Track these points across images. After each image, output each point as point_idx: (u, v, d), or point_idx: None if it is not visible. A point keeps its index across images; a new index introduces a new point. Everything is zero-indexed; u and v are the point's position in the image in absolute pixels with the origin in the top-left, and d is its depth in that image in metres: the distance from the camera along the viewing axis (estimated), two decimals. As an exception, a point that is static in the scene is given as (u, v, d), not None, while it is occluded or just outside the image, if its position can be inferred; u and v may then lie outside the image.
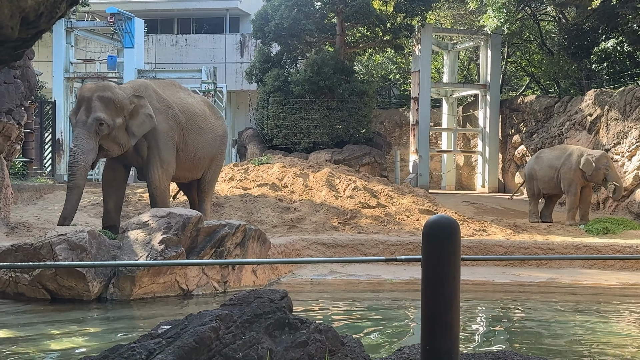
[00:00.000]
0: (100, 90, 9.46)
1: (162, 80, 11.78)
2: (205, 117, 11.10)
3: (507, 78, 26.40)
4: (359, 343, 3.86)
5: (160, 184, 10.08)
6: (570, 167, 14.68)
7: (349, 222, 13.33)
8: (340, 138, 20.92)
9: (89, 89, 9.55)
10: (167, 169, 10.18)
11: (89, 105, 9.34)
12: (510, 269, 11.40)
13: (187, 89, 11.67)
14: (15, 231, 10.93)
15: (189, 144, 10.62)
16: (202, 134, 10.91)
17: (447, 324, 3.00)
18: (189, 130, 10.63)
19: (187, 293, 8.51)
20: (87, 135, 9.29)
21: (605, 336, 6.93)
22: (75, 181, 9.32)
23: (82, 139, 9.28)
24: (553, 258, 11.91)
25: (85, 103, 9.37)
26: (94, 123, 9.28)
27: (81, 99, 9.45)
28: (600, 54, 19.00)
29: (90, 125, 9.28)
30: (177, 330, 3.40)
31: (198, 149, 10.82)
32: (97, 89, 9.52)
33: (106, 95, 9.43)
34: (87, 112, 9.32)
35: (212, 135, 11.12)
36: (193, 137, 10.71)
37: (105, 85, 9.69)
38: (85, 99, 9.39)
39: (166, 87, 10.78)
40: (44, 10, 1.99)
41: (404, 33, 21.61)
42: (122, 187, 10.33)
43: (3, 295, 8.22)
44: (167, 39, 28.56)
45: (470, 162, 23.83)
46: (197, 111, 10.93)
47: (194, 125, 10.76)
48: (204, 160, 11.05)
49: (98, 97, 9.38)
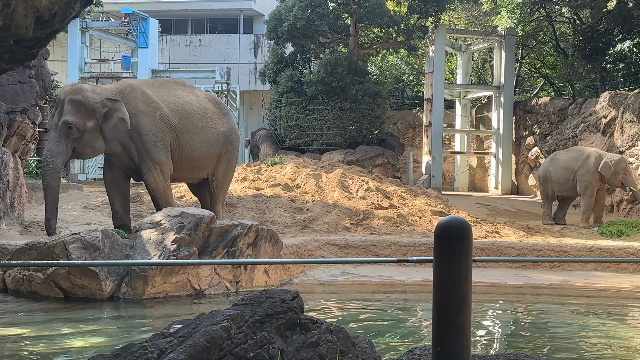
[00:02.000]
0: (72, 94, 9.49)
1: (159, 79, 11.69)
2: (206, 115, 10.75)
3: (521, 79, 26.29)
4: (370, 344, 3.86)
5: (159, 185, 10.00)
6: (588, 170, 14.59)
7: (362, 223, 13.32)
8: (353, 139, 20.91)
9: (64, 91, 9.69)
10: (162, 169, 10.03)
11: (61, 108, 9.44)
12: (523, 271, 11.36)
13: (191, 86, 11.32)
14: (29, 230, 10.99)
15: (184, 144, 10.36)
16: (200, 133, 10.59)
17: (458, 326, 2.99)
18: (182, 131, 10.35)
19: (199, 293, 8.53)
20: (57, 138, 9.41)
21: (617, 339, 6.89)
22: (48, 182, 9.46)
23: (52, 141, 9.46)
24: (566, 260, 11.85)
25: (59, 105, 9.48)
26: (63, 126, 9.36)
27: (57, 101, 9.58)
28: (616, 55, 18.90)
29: (60, 128, 9.37)
30: (188, 330, 3.41)
31: (195, 148, 10.52)
32: (70, 91, 9.58)
33: (76, 99, 9.43)
34: (59, 115, 9.42)
35: (213, 133, 10.76)
36: (188, 137, 10.43)
37: (77, 88, 9.70)
38: (60, 101, 9.50)
39: (161, 87, 10.56)
40: (58, 10, 2.00)
41: (418, 34, 21.58)
42: (124, 185, 10.26)
43: (17, 293, 8.28)
44: (181, 39, 28.65)
45: (484, 163, 23.75)
46: (194, 109, 10.61)
47: (190, 124, 10.46)
48: (204, 159, 10.74)
49: (69, 100, 9.42)
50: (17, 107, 11.55)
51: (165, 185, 10.16)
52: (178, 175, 10.55)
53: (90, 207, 13.49)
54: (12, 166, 11.14)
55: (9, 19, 1.89)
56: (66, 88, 9.78)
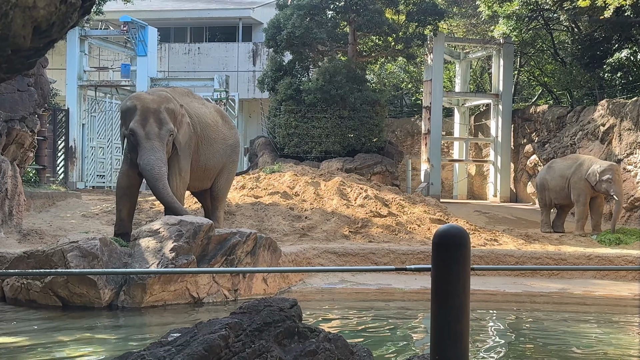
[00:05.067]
0: (166, 102, 9.81)
1: (177, 88, 11.85)
2: (217, 127, 11.18)
3: (520, 87, 26.32)
4: (368, 352, 3.86)
5: (178, 192, 10.12)
6: (580, 177, 14.62)
7: (360, 231, 13.31)
8: (352, 147, 20.90)
9: (154, 100, 9.79)
10: (184, 177, 10.28)
11: (157, 117, 9.61)
12: (522, 279, 11.35)
13: (201, 98, 11.75)
14: (27, 238, 10.98)
15: (201, 154, 10.72)
16: (214, 144, 11.00)
17: (457, 334, 2.99)
18: (202, 141, 10.75)
19: (197, 301, 8.52)
20: (161, 147, 9.59)
21: (616, 347, 6.88)
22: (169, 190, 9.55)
23: (158, 150, 9.54)
24: (565, 268, 11.84)
25: (153, 115, 9.60)
26: (167, 134, 9.63)
27: (147, 110, 9.62)
28: (614, 64, 18.92)
29: (163, 136, 9.59)
30: (186, 338, 3.41)
31: (209, 158, 10.90)
32: (162, 100, 9.83)
33: (170, 107, 9.82)
34: (159, 124, 9.58)
35: (223, 145, 11.20)
36: (205, 148, 10.81)
37: (166, 96, 10.00)
38: (153, 110, 9.62)
39: (182, 97, 10.86)
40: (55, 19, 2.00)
41: (416, 42, 21.61)
42: (135, 194, 10.38)
43: (15, 301, 8.27)
44: (180, 47, 28.68)
45: (482, 171, 23.76)
46: (209, 122, 11.03)
47: (207, 135, 10.87)
48: (214, 170, 11.13)
49: (166, 108, 9.73)
50: (16, 115, 11.55)
51: (182, 193, 10.39)
52: (190, 183, 10.71)
53: (88, 215, 13.48)
54: (11, 174, 11.14)
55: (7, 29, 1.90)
56: (153, 97, 9.90)
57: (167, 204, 9.57)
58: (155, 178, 9.45)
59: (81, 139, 21.18)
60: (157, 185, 9.45)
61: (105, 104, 22.34)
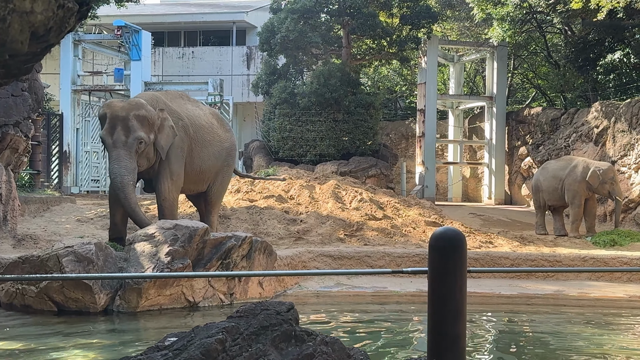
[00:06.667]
0: (136, 109, 9.59)
1: (170, 92, 11.84)
2: (212, 129, 11.14)
3: (514, 90, 26.39)
4: (365, 355, 3.86)
5: (170, 196, 10.11)
6: (575, 179, 14.64)
7: (355, 234, 13.32)
8: (347, 150, 20.92)
9: (122, 107, 9.62)
10: (176, 181, 10.24)
11: (125, 124, 9.44)
12: (517, 281, 11.37)
13: (196, 101, 11.71)
14: (22, 243, 10.95)
15: (195, 156, 10.67)
16: (209, 146, 10.95)
17: (453, 337, 3.00)
18: (196, 143, 10.69)
19: (193, 305, 8.51)
20: (129, 155, 9.42)
21: (612, 349, 6.90)
22: (131, 202, 9.43)
23: (124, 158, 9.39)
24: (560, 270, 11.87)
25: (119, 122, 9.46)
26: (135, 142, 9.44)
27: (115, 118, 9.48)
28: (607, 66, 18.98)
29: (131, 144, 9.43)
30: (183, 342, 3.41)
31: (204, 161, 10.86)
32: (132, 107, 9.63)
33: (141, 114, 9.57)
34: (124, 132, 9.43)
35: (218, 148, 11.16)
36: (199, 150, 10.76)
37: (138, 103, 9.78)
38: (119, 118, 9.47)
39: (174, 99, 10.83)
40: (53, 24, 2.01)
41: (410, 45, 21.66)
42: None
43: (10, 307, 8.24)
44: (174, 51, 28.68)
45: (477, 174, 23.80)
46: (203, 124, 10.98)
47: (201, 138, 10.82)
48: (209, 173, 11.08)
49: (135, 115, 9.52)
50: (10, 120, 11.52)
51: (174, 196, 10.35)
52: (185, 186, 10.70)
53: (83, 219, 13.45)
54: (5, 179, 11.11)
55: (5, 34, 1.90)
56: (122, 104, 9.75)
57: (130, 213, 9.55)
58: (118, 187, 9.40)
59: (75, 144, 21.14)
60: (119, 194, 9.40)
61: (99, 108, 22.29)
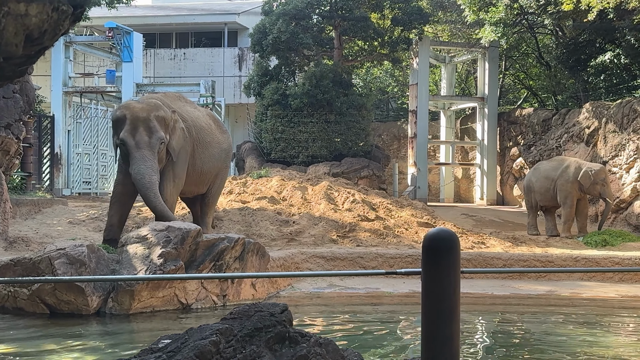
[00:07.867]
0: (155, 110, 9.74)
1: (169, 93, 11.82)
2: (211, 131, 11.19)
3: (505, 91, 26.45)
4: (359, 356, 3.87)
5: (170, 198, 10.11)
6: (567, 179, 14.69)
7: (348, 235, 13.33)
8: (339, 151, 20.94)
9: (143, 108, 9.71)
10: (178, 184, 10.27)
11: (147, 125, 9.56)
12: (510, 282, 11.40)
13: (193, 103, 11.82)
14: (14, 246, 10.91)
15: (197, 158, 10.69)
16: (209, 148, 10.99)
17: (447, 338, 3.00)
18: (198, 145, 10.73)
19: (186, 307, 8.50)
20: (152, 156, 9.54)
21: (604, 348, 6.92)
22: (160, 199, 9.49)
23: (149, 159, 9.50)
24: (552, 271, 11.84)
25: (142, 123, 9.55)
26: (157, 143, 9.57)
27: (136, 119, 9.56)
28: (597, 67, 19.06)
29: (154, 145, 9.54)
30: (177, 345, 3.40)
31: (205, 163, 10.89)
32: (151, 108, 9.75)
33: (160, 115, 9.75)
34: (149, 133, 9.54)
35: (218, 149, 11.21)
36: (200, 151, 10.79)
37: (155, 104, 9.91)
38: (142, 119, 9.57)
39: (174, 101, 10.83)
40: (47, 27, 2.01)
41: (402, 46, 21.69)
42: (128, 203, 10.27)
43: (2, 310, 8.21)
44: (166, 53, 28.63)
45: (469, 174, 23.85)
46: (203, 125, 11.02)
47: (202, 139, 10.86)
48: (210, 174, 11.10)
49: (155, 116, 9.67)
50: (1, 122, 11.49)
51: (175, 199, 10.41)
52: (186, 189, 10.71)
53: (75, 222, 13.41)
54: (-3, 182, 11.07)
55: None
56: (141, 105, 9.81)
57: (159, 212, 9.52)
58: (146, 187, 9.43)
59: (67, 146, 21.07)
60: (148, 194, 9.43)
61: (91, 110, 22.23)
